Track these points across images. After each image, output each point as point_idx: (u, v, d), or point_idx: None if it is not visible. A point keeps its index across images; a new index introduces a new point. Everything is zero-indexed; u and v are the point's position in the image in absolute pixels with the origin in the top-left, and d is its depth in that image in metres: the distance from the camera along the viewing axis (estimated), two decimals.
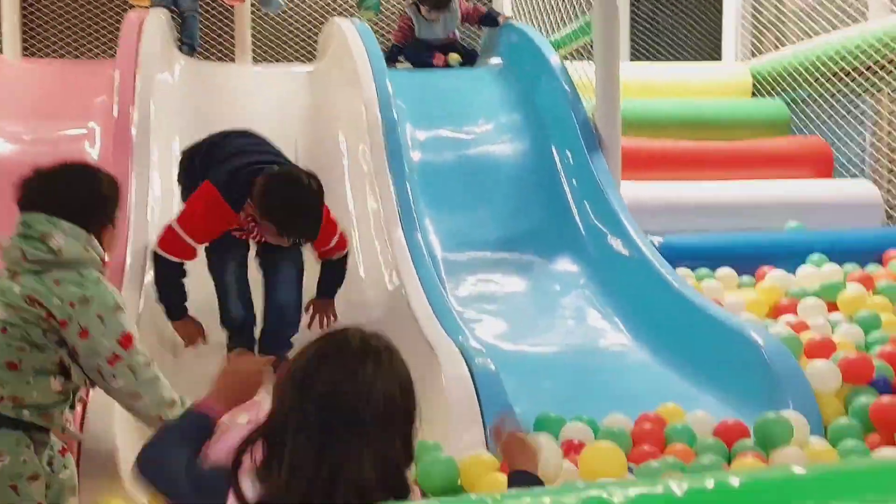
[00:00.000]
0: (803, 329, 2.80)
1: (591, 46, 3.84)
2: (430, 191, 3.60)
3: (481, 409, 2.19)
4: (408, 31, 4.68)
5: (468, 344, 2.41)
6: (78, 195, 1.86)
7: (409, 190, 3.29)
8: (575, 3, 4.28)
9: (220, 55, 6.62)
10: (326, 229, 2.59)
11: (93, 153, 3.67)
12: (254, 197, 2.46)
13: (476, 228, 3.56)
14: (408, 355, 2.56)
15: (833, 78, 4.76)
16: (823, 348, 2.58)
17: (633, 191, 3.88)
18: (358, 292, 3.04)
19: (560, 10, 4.47)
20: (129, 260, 2.91)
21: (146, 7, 5.35)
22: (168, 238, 2.58)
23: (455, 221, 3.55)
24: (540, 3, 4.78)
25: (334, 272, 2.73)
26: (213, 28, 6.69)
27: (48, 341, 1.79)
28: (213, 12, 6.61)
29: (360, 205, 3.39)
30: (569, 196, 3.68)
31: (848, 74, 4.65)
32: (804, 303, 3.02)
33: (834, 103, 4.94)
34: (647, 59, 7.23)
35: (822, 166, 4.68)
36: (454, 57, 4.55)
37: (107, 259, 1.93)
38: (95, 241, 1.86)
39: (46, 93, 3.98)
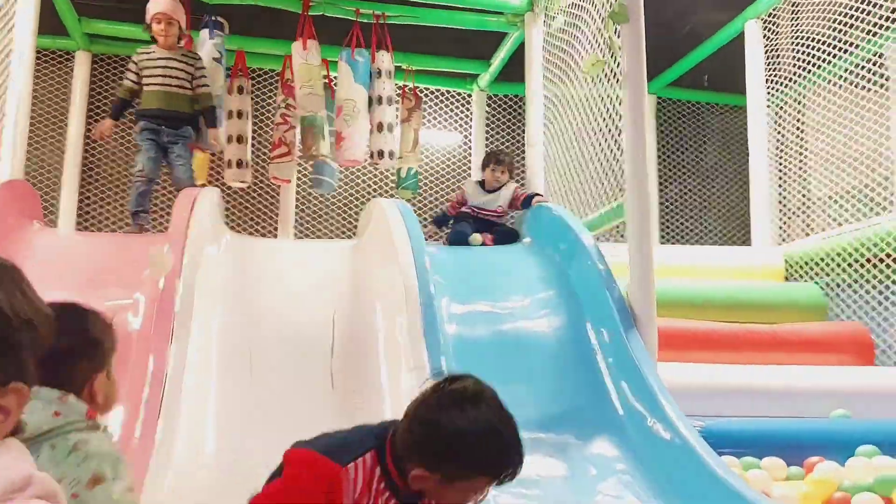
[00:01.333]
0: None
1: (623, 227, 3.94)
2: (465, 366, 3.56)
3: None
4: (461, 203, 5.12)
5: None
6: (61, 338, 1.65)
7: (443, 364, 3.26)
8: (608, 185, 4.45)
9: (264, 232, 6.91)
10: None
11: (135, 323, 3.74)
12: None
13: (512, 407, 3.46)
14: None
15: (867, 264, 4.79)
16: None
17: (671, 372, 3.82)
18: None
19: (593, 192, 4.64)
20: (158, 436, 2.88)
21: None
22: None
23: None
24: (573, 186, 4.98)
25: None
26: (257, 206, 7.03)
27: None
28: (260, 190, 6.97)
29: (393, 382, 3.36)
30: (605, 375, 3.61)
31: (882, 261, 4.68)
32: (858, 498, 2.85)
33: (870, 289, 4.94)
34: (675, 242, 7.39)
35: (864, 352, 4.59)
36: (476, 238, 4.81)
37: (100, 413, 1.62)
38: (72, 398, 1.52)
39: (96, 264, 4.14)
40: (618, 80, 4.04)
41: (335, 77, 5.71)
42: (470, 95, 7.34)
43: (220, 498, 2.86)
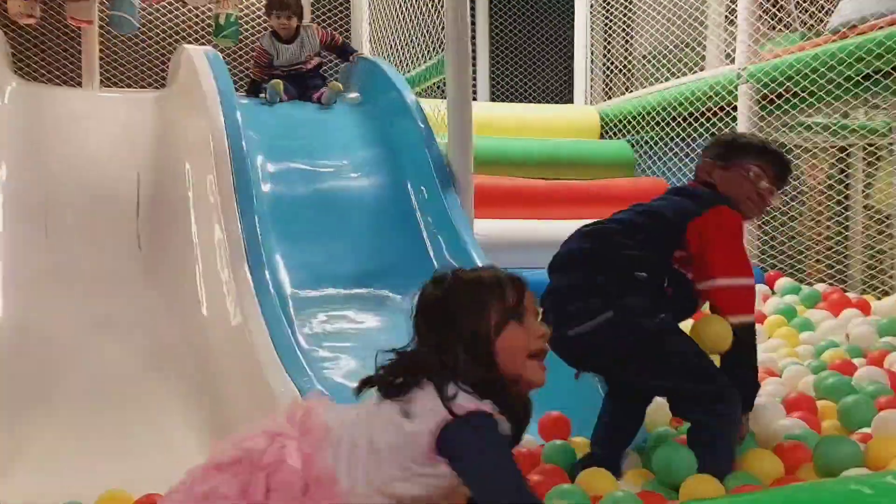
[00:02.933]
0: None
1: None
2: (282, 225, 3.51)
3: None
4: (265, 64, 4.56)
5: (310, 386, 2.34)
6: None
7: (257, 223, 3.19)
8: (430, 41, 4.36)
9: (67, 80, 6.27)
10: None
11: None
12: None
13: (329, 264, 3.50)
14: (249, 396, 2.48)
15: (672, 123, 5.10)
16: None
17: (487, 227, 3.96)
18: (201, 330, 2.90)
19: (416, 47, 4.54)
20: None
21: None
22: (740, 296, 2.00)
23: (308, 256, 3.47)
24: (397, 40, 4.84)
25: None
26: (60, 51, 6.33)
27: None
28: (62, 34, 6.25)
29: (205, 238, 3.26)
30: (423, 232, 3.69)
31: (685, 119, 4.98)
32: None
33: (674, 147, 5.28)
34: (507, 101, 7.48)
35: None
36: (335, 86, 4.43)
37: None
38: None
39: None
40: None
41: None
42: None
43: (11, 362, 2.73)
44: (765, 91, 4.42)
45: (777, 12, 4.63)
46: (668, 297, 2.02)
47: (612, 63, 6.25)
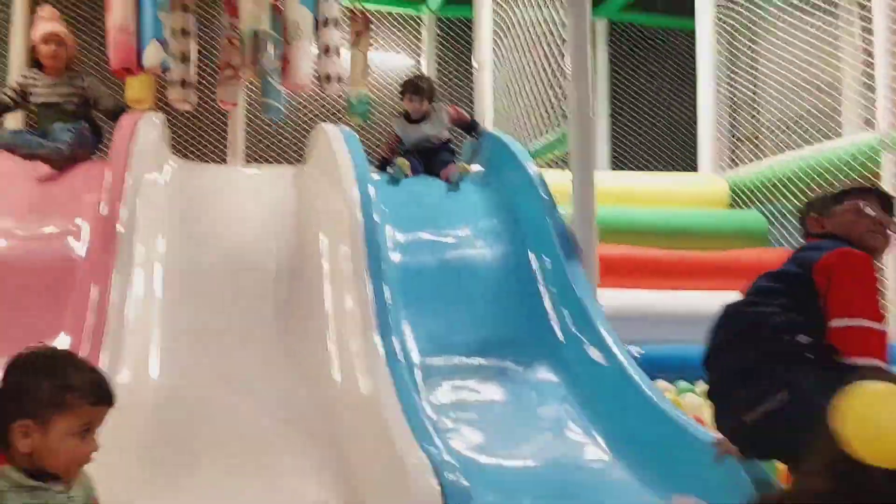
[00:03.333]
0: None
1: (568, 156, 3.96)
2: (409, 294, 3.62)
3: None
4: (395, 144, 4.72)
5: (440, 457, 2.36)
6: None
7: (386, 293, 3.30)
8: (552, 114, 4.44)
9: (214, 157, 6.79)
10: None
11: (78, 250, 3.70)
12: None
13: (454, 332, 3.56)
14: (379, 463, 2.52)
15: (808, 192, 4.90)
16: None
17: (612, 298, 3.91)
18: (331, 394, 3.00)
19: (538, 120, 4.64)
20: (103, 364, 2.88)
21: (144, 109, 5.55)
22: (861, 336, 1.86)
23: (433, 325, 3.54)
24: (520, 114, 4.95)
25: None
26: (209, 131, 6.88)
27: None
28: (210, 116, 6.81)
29: (337, 307, 3.39)
30: (546, 302, 3.69)
31: (822, 188, 4.79)
32: None
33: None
34: (627, 168, 7.45)
35: None
36: (462, 167, 4.45)
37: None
38: None
39: (39, 191, 4.05)
40: (562, 3, 3.98)
41: None
42: (420, 18, 7.18)
43: (165, 424, 2.91)
44: None
45: None
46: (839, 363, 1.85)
47: (738, 130, 6.13)
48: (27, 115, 4.71)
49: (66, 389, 1.53)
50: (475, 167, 4.56)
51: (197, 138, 6.93)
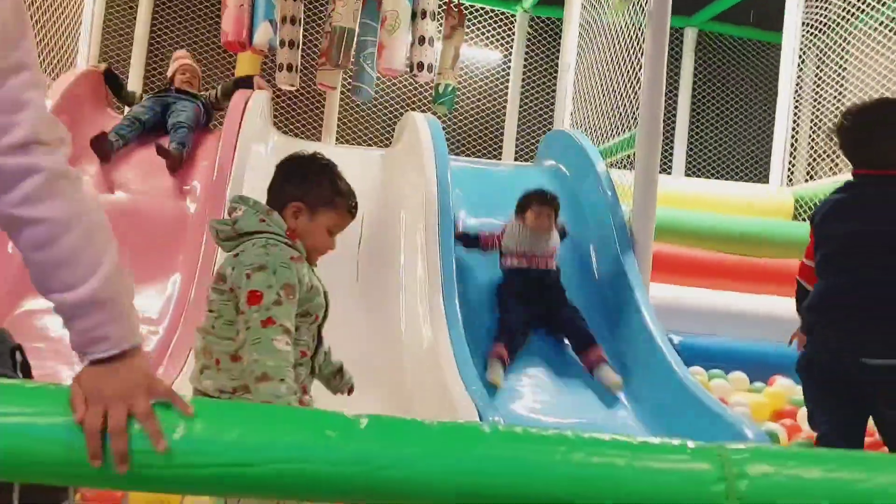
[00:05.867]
0: (796, 432, 3.03)
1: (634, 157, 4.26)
2: (473, 271, 4.01)
3: None
4: (495, 239, 3.92)
5: (483, 400, 2.75)
6: (278, 172, 1.99)
7: (453, 265, 3.70)
8: (626, 116, 4.74)
9: (309, 135, 7.34)
10: None
11: (191, 207, 4.27)
12: None
13: None
14: (434, 406, 2.92)
15: None
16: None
17: (662, 291, 4.22)
18: (398, 349, 3.43)
19: (612, 121, 4.93)
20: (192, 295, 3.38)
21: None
22: None
23: None
24: (594, 114, 5.26)
25: None
26: (305, 110, 7.42)
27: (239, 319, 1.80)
28: (307, 96, 7.35)
29: (409, 274, 3.82)
30: (600, 289, 4.03)
31: None
32: (804, 410, 3.27)
33: None
34: (703, 176, 7.62)
35: None
36: (616, 383, 3.45)
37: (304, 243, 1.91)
38: (277, 215, 1.90)
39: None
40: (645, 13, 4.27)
41: None
42: (514, 15, 7.52)
43: None
44: None
45: None
46: None
47: (817, 146, 6.25)
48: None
49: (338, 193, 1.96)
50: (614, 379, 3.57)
51: (295, 116, 7.48)
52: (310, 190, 1.93)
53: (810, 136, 6.38)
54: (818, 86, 6.23)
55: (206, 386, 1.84)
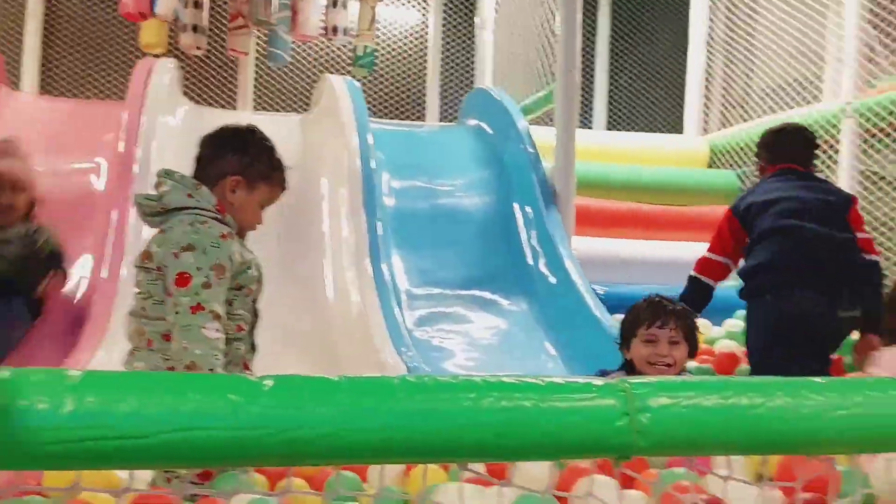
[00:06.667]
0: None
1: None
2: (402, 233, 4.00)
3: None
4: None
5: (414, 363, 2.76)
6: (212, 143, 1.97)
7: (379, 229, 3.68)
8: (545, 73, 4.76)
9: (224, 103, 7.12)
10: None
11: (98, 185, 4.09)
12: None
13: (440, 268, 3.96)
14: (363, 369, 2.92)
15: None
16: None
17: (586, 244, 4.30)
18: (326, 313, 3.41)
19: (532, 78, 4.95)
20: (123, 275, 3.26)
21: (158, 55, 5.85)
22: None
23: (421, 261, 3.94)
24: (515, 71, 5.26)
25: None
26: (219, 77, 7.19)
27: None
28: (219, 63, 7.11)
29: (335, 237, 3.78)
30: (525, 246, 4.08)
31: None
32: (719, 345, 3.41)
33: None
34: (624, 129, 7.75)
35: None
36: None
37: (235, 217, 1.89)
38: (205, 189, 1.87)
39: (60, 129, 4.40)
40: None
41: None
42: None
43: None
44: (869, 126, 4.51)
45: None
46: None
47: (729, 94, 6.41)
48: None
49: (275, 167, 1.97)
50: None
51: (209, 84, 7.25)
52: (250, 164, 1.92)
53: (723, 85, 6.54)
54: (730, 34, 6.37)
55: (138, 368, 1.80)
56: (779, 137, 3.01)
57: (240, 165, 1.91)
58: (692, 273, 2.95)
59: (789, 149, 2.94)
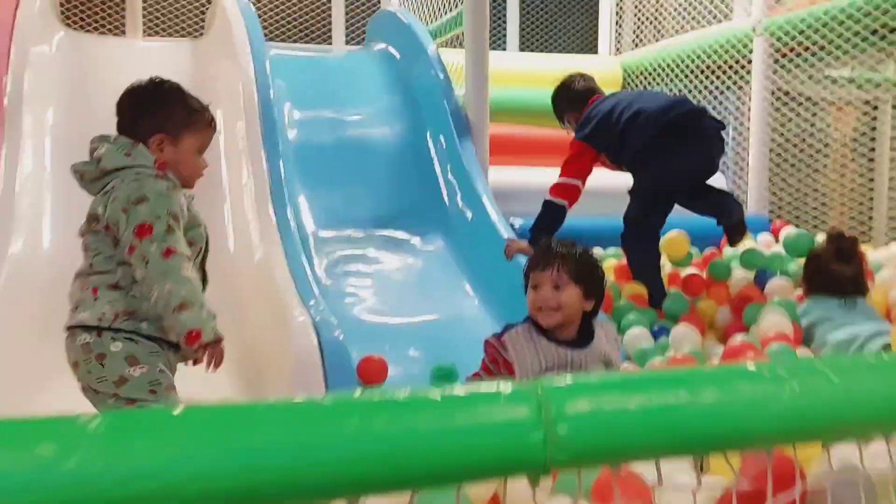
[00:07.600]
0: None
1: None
2: (307, 170, 3.76)
3: (325, 379, 2.37)
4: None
5: (322, 316, 2.58)
6: (124, 109, 1.93)
7: (281, 168, 3.43)
8: None
9: (112, 29, 6.54)
10: None
11: None
12: None
13: (350, 207, 3.75)
14: (270, 323, 2.74)
15: (700, 74, 5.15)
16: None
17: (502, 176, 4.15)
18: (227, 263, 3.17)
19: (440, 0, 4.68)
20: None
21: None
22: None
23: (329, 199, 3.72)
24: None
25: None
26: (107, 2, 6.58)
27: (118, 252, 1.82)
28: None
29: (234, 180, 3.51)
30: (439, 178, 3.90)
31: (713, 72, 5.04)
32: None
33: (701, 99, 5.34)
34: (537, 50, 7.55)
35: None
36: None
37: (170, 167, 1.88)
38: (142, 146, 1.87)
39: None
40: None
41: None
42: None
43: (57, 293, 3.03)
44: (780, 45, 4.47)
45: None
46: None
47: (642, 13, 6.28)
48: None
49: (192, 111, 1.92)
50: None
51: (91, 8, 6.63)
52: (166, 119, 1.90)
53: (635, 4, 6.39)
54: None
55: (83, 318, 1.83)
56: (571, 88, 3.56)
57: (157, 123, 1.89)
58: (547, 198, 3.27)
59: (586, 89, 3.51)
